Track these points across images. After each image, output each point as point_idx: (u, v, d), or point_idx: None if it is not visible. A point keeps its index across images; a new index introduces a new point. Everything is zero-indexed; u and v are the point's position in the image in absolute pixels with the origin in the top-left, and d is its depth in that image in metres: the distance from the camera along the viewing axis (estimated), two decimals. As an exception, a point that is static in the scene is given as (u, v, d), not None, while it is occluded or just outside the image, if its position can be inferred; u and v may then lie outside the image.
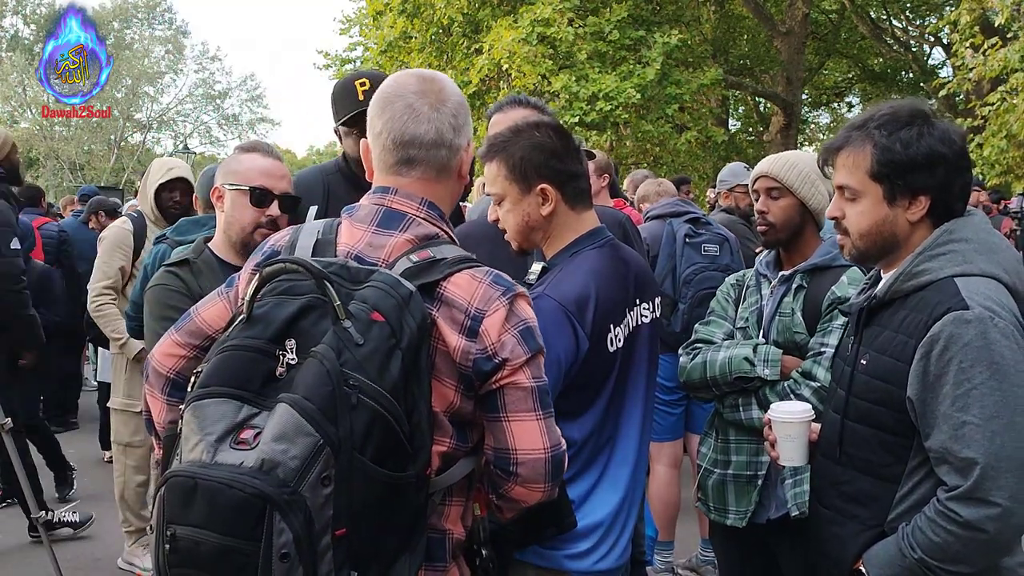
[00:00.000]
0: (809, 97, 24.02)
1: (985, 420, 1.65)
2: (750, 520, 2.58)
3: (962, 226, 1.83)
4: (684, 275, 4.13)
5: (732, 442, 2.64)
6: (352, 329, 1.33)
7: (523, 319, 1.52)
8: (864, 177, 1.85)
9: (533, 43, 13.56)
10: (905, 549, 1.74)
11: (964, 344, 1.67)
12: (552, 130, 2.09)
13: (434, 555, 1.52)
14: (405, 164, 1.60)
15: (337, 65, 21.30)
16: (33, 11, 35.26)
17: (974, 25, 11.37)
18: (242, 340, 1.39)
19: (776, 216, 2.60)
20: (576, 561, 1.97)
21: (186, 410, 1.37)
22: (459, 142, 1.63)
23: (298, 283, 1.42)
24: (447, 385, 1.49)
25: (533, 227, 2.08)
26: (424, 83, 1.62)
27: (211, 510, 1.26)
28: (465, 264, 1.52)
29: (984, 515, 1.65)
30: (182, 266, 2.46)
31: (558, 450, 1.54)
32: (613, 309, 2.02)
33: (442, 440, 1.49)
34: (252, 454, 1.28)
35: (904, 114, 1.84)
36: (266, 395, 1.34)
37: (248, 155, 2.50)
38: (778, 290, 2.62)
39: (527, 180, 2.04)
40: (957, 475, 1.68)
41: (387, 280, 1.41)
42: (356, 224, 1.58)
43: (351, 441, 1.28)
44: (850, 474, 1.89)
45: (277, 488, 1.24)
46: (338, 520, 1.28)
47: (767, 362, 2.53)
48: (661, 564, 4.32)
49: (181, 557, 1.29)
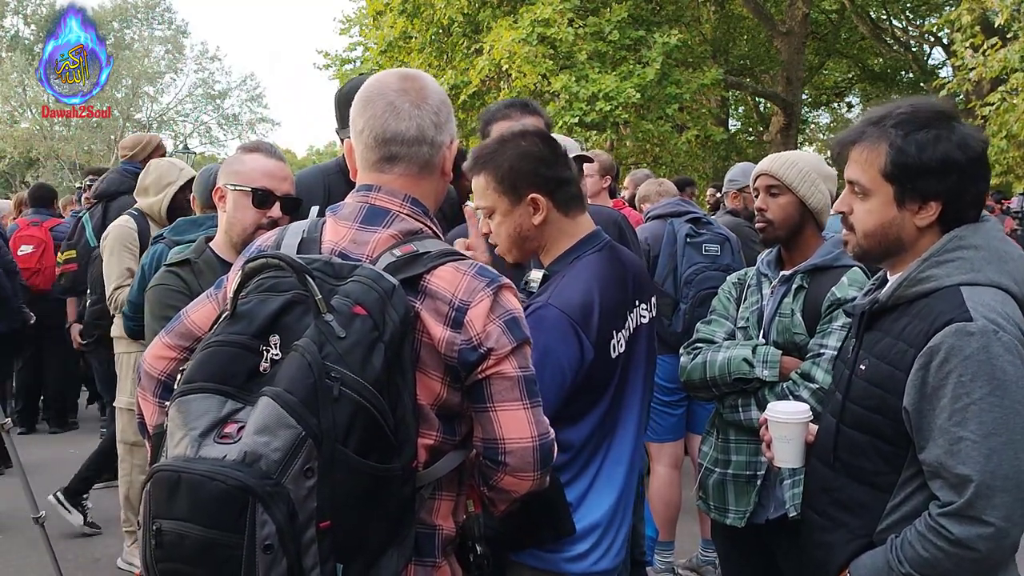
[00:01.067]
0: (809, 97, 24.02)
1: (983, 437, 1.60)
2: (749, 520, 2.58)
3: (973, 233, 1.77)
4: (685, 275, 4.12)
5: (732, 442, 2.65)
6: (334, 323, 1.35)
7: (508, 309, 1.53)
8: (876, 175, 1.79)
9: (533, 43, 13.56)
10: (893, 562, 1.69)
11: (965, 357, 1.61)
12: (538, 138, 2.08)
13: (423, 550, 1.52)
14: (387, 161, 1.61)
15: (337, 65, 21.32)
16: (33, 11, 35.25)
17: (975, 25, 11.37)
18: (226, 336, 1.40)
19: (775, 214, 2.61)
20: (574, 563, 1.97)
21: (171, 406, 1.39)
22: (441, 139, 1.63)
23: (282, 280, 1.44)
24: (433, 377, 1.49)
25: (526, 237, 2.07)
26: (405, 81, 1.63)
27: (194, 503, 1.27)
28: (449, 257, 1.53)
29: (976, 534, 1.60)
30: (183, 266, 2.46)
31: (546, 438, 1.55)
32: (615, 314, 2.02)
33: (428, 433, 1.50)
34: (235, 447, 1.29)
35: (923, 115, 1.77)
36: (250, 390, 1.36)
37: (251, 156, 2.51)
38: (778, 290, 2.62)
39: (516, 190, 2.03)
40: (951, 491, 1.63)
41: (370, 275, 1.42)
42: (340, 222, 1.60)
43: (333, 433, 1.29)
44: (842, 480, 1.85)
45: (259, 480, 1.25)
46: (322, 512, 1.29)
47: (766, 363, 2.53)
48: (661, 564, 4.32)
49: (166, 551, 1.30)
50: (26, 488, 3.92)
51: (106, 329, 4.47)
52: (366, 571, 1.37)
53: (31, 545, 4.65)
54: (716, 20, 19.91)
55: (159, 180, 4.32)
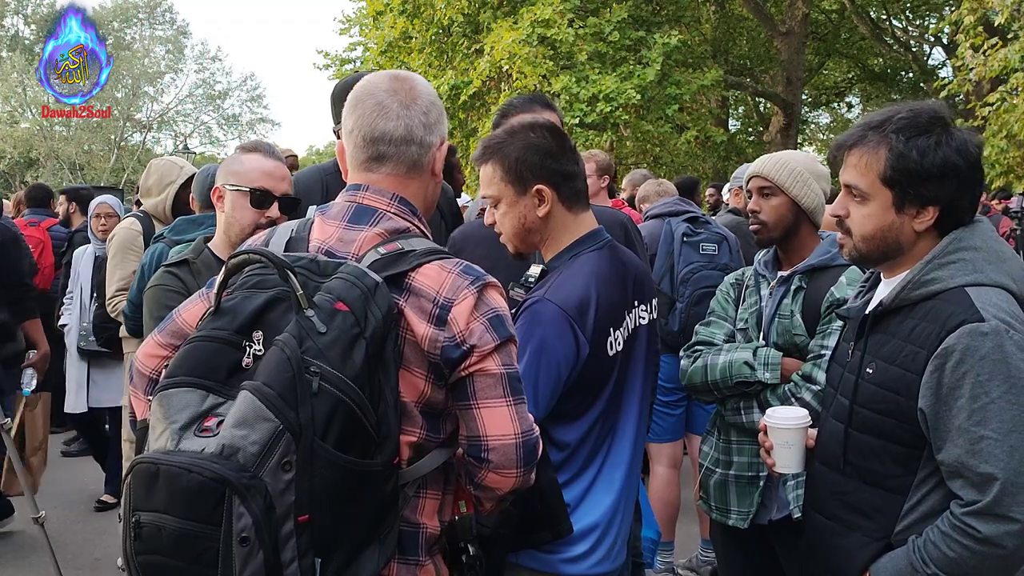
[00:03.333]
0: (809, 97, 24.03)
1: (1004, 435, 1.62)
2: (752, 521, 2.57)
3: (971, 234, 1.79)
4: (682, 274, 4.12)
5: (734, 443, 2.64)
6: (315, 318, 1.35)
7: (493, 307, 1.53)
8: (875, 180, 1.80)
9: (534, 44, 13.56)
10: (917, 563, 1.70)
11: (980, 357, 1.63)
12: (547, 130, 2.08)
13: (407, 548, 1.52)
14: (375, 160, 1.61)
15: (337, 65, 21.28)
16: (33, 11, 35.26)
17: (977, 25, 11.36)
18: (209, 331, 1.41)
19: (767, 215, 2.60)
20: (572, 565, 1.96)
21: (153, 400, 1.39)
22: (430, 139, 1.63)
23: (267, 277, 1.44)
24: (417, 375, 1.50)
25: (530, 229, 2.07)
26: (395, 82, 1.64)
27: (171, 495, 1.28)
28: (435, 255, 1.53)
29: (1004, 531, 1.62)
30: (181, 266, 2.46)
31: (530, 436, 1.55)
32: (613, 313, 2.01)
33: (412, 431, 1.50)
34: (213, 440, 1.29)
35: (924, 120, 1.78)
36: (232, 385, 1.36)
37: (249, 156, 2.50)
38: (777, 291, 2.62)
39: (523, 182, 2.03)
40: (974, 490, 1.64)
41: (353, 272, 1.42)
42: (328, 221, 1.60)
43: (312, 427, 1.29)
44: (854, 484, 1.85)
45: (236, 472, 1.26)
46: (300, 506, 1.29)
47: (767, 366, 2.52)
48: (661, 564, 4.32)
49: (145, 543, 1.31)
50: (26, 488, 3.93)
51: (114, 332, 4.49)
52: (346, 566, 1.37)
53: (31, 545, 4.67)
54: (716, 20, 19.92)
55: (161, 180, 4.32)
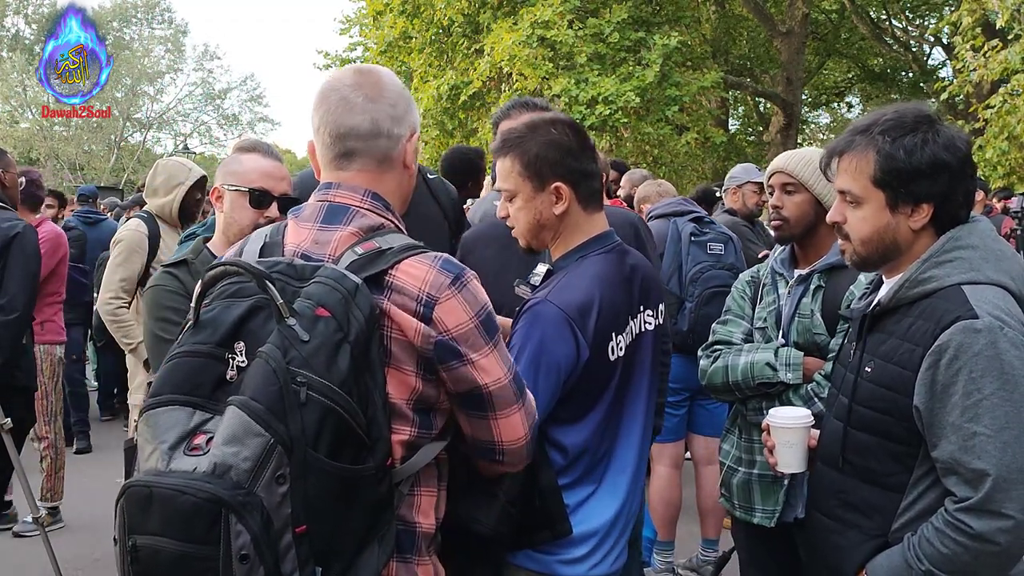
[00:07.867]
0: (809, 97, 24.01)
1: (996, 431, 1.63)
2: (779, 520, 2.56)
3: (968, 233, 1.81)
4: (690, 273, 4.12)
5: (756, 442, 2.61)
6: (297, 326, 1.33)
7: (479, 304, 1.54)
8: (867, 183, 1.82)
9: (533, 45, 13.55)
10: (911, 560, 1.71)
11: (974, 354, 1.65)
12: (568, 127, 2.06)
13: (404, 547, 1.52)
14: (344, 157, 1.60)
15: (337, 65, 21.27)
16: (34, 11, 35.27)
17: (976, 26, 11.34)
18: (191, 346, 1.39)
19: (790, 211, 2.60)
20: (569, 567, 1.95)
21: (140, 420, 1.38)
22: (399, 132, 1.62)
23: (245, 286, 1.43)
24: (407, 372, 1.49)
25: (544, 225, 2.05)
26: (360, 76, 1.62)
27: (166, 518, 1.26)
28: (412, 251, 1.52)
29: (996, 527, 1.63)
30: (180, 267, 2.45)
31: (535, 425, 1.65)
32: (616, 317, 2.00)
33: (403, 429, 1.49)
34: (205, 459, 1.28)
35: (909, 120, 1.81)
36: (218, 399, 1.35)
37: (248, 156, 2.49)
38: (796, 291, 2.61)
39: (541, 177, 2.01)
40: (967, 486, 1.65)
41: (332, 275, 1.41)
42: (301, 223, 1.58)
43: (303, 438, 1.29)
44: (852, 483, 1.87)
45: (231, 491, 1.25)
46: (297, 517, 1.29)
47: (789, 366, 2.52)
48: (661, 564, 4.32)
49: (143, 567, 1.29)
50: (26, 488, 3.93)
51: None
52: (346, 571, 1.37)
53: (31, 545, 4.66)
54: (716, 20, 19.90)
55: (168, 181, 4.30)
